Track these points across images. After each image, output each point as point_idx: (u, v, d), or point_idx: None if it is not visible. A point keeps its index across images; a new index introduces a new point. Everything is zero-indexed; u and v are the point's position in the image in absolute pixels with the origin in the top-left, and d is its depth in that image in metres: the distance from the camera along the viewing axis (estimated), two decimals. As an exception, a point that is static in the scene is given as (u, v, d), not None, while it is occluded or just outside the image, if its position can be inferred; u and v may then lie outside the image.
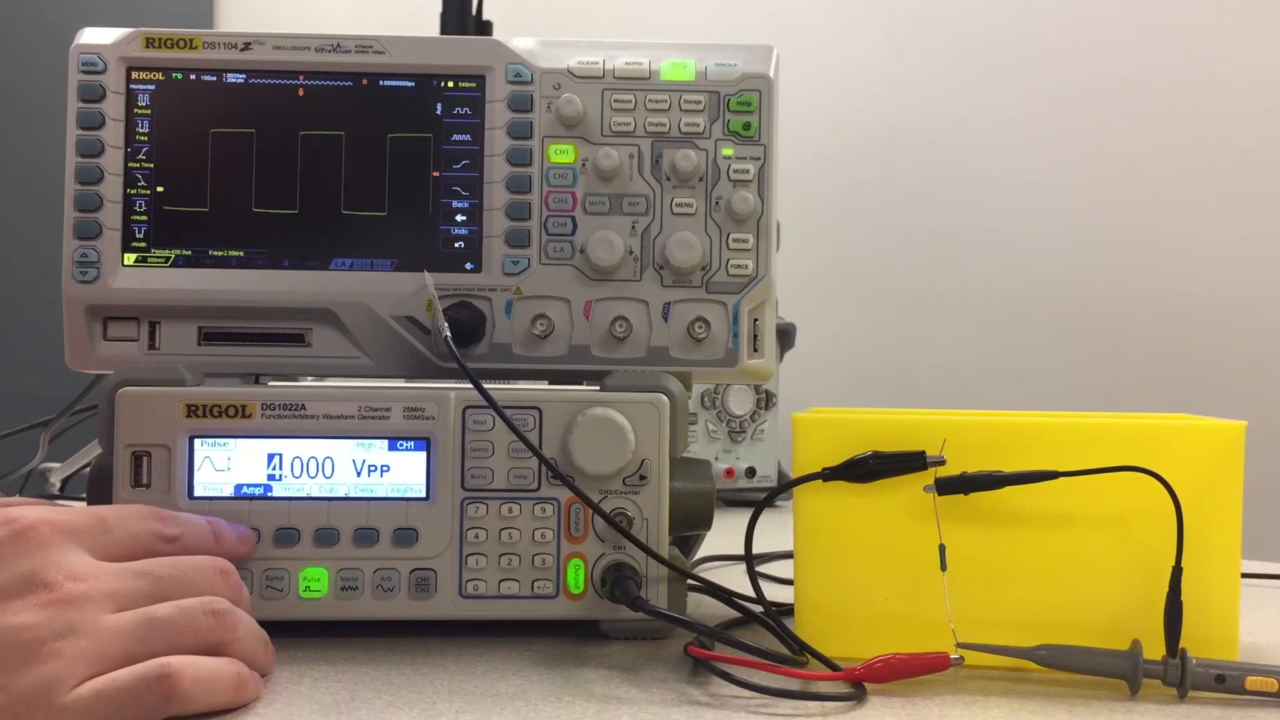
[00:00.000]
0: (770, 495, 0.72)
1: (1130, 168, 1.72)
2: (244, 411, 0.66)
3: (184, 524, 0.60)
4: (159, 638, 0.52)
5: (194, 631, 0.53)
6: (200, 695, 0.52)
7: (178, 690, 0.51)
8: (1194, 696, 0.59)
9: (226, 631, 0.55)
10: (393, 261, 0.72)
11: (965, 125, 1.79)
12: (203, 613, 0.54)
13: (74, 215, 0.70)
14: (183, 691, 0.51)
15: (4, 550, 0.50)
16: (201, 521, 0.62)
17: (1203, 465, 0.62)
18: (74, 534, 0.53)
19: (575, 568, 0.67)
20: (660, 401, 0.68)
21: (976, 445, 0.63)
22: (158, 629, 0.52)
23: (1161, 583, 0.60)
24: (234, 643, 0.55)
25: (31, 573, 0.50)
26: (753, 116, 0.72)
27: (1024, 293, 1.76)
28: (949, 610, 0.61)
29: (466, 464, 0.67)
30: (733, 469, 1.40)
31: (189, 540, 0.60)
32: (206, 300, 0.71)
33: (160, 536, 0.58)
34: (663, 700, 0.57)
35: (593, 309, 0.71)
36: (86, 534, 0.54)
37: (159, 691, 0.50)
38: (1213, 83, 1.69)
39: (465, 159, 0.72)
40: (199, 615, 0.54)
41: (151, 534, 0.58)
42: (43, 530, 0.52)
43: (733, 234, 0.72)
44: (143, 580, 0.54)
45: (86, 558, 0.53)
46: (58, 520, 0.53)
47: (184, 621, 0.53)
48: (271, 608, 0.65)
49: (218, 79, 0.71)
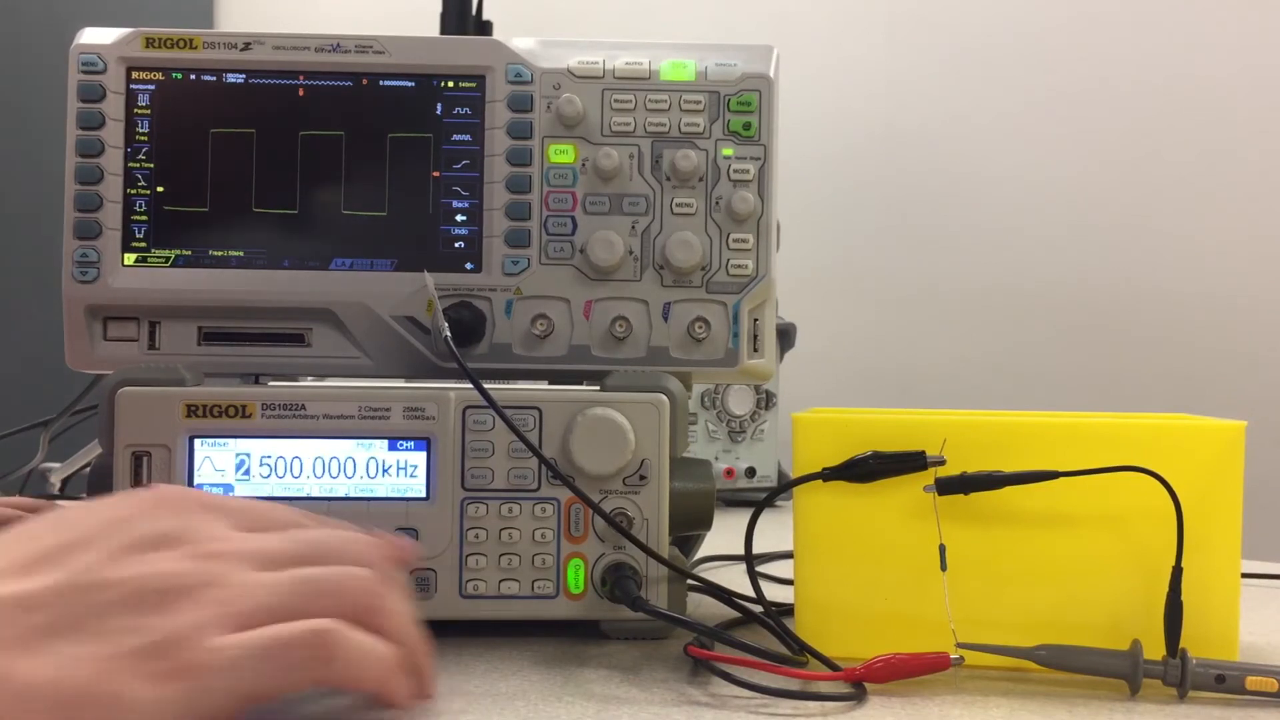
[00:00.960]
0: (770, 495, 0.72)
1: (1130, 167, 1.72)
2: (244, 411, 0.66)
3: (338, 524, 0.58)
4: (302, 595, 0.49)
5: (340, 591, 0.51)
6: (354, 664, 0.49)
7: (337, 653, 0.48)
8: (1194, 696, 0.59)
9: (374, 597, 0.51)
10: (393, 261, 0.72)
11: (965, 125, 1.79)
12: (349, 576, 0.51)
13: (74, 215, 0.70)
14: (339, 653, 0.48)
15: (150, 510, 0.50)
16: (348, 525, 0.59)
17: (1203, 465, 0.62)
18: (218, 508, 0.53)
19: (575, 568, 0.67)
20: (660, 401, 0.68)
21: (976, 445, 0.63)
22: (301, 587, 0.50)
23: (1161, 583, 0.60)
24: (381, 611, 0.52)
25: (177, 530, 0.49)
26: (753, 116, 0.72)
27: (1024, 293, 1.76)
28: (949, 610, 0.61)
29: (466, 464, 0.67)
30: (733, 469, 1.40)
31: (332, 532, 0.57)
32: (206, 300, 0.71)
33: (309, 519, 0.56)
34: (663, 700, 0.57)
35: (593, 309, 0.71)
36: (231, 511, 0.53)
37: (320, 648, 0.48)
38: (1213, 83, 1.69)
39: (465, 159, 0.72)
40: (345, 578, 0.51)
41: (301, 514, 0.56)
42: (190, 499, 0.52)
43: (733, 234, 0.72)
44: (287, 543, 0.52)
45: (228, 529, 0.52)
46: (204, 495, 0.53)
47: (330, 582, 0.51)
48: (271, 608, 0.65)
49: (218, 79, 0.72)
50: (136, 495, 0.51)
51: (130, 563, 0.47)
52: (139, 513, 0.50)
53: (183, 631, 0.46)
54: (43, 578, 0.45)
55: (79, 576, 0.45)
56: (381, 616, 0.52)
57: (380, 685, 0.50)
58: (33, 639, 0.43)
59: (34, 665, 0.42)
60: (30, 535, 0.48)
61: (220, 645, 0.46)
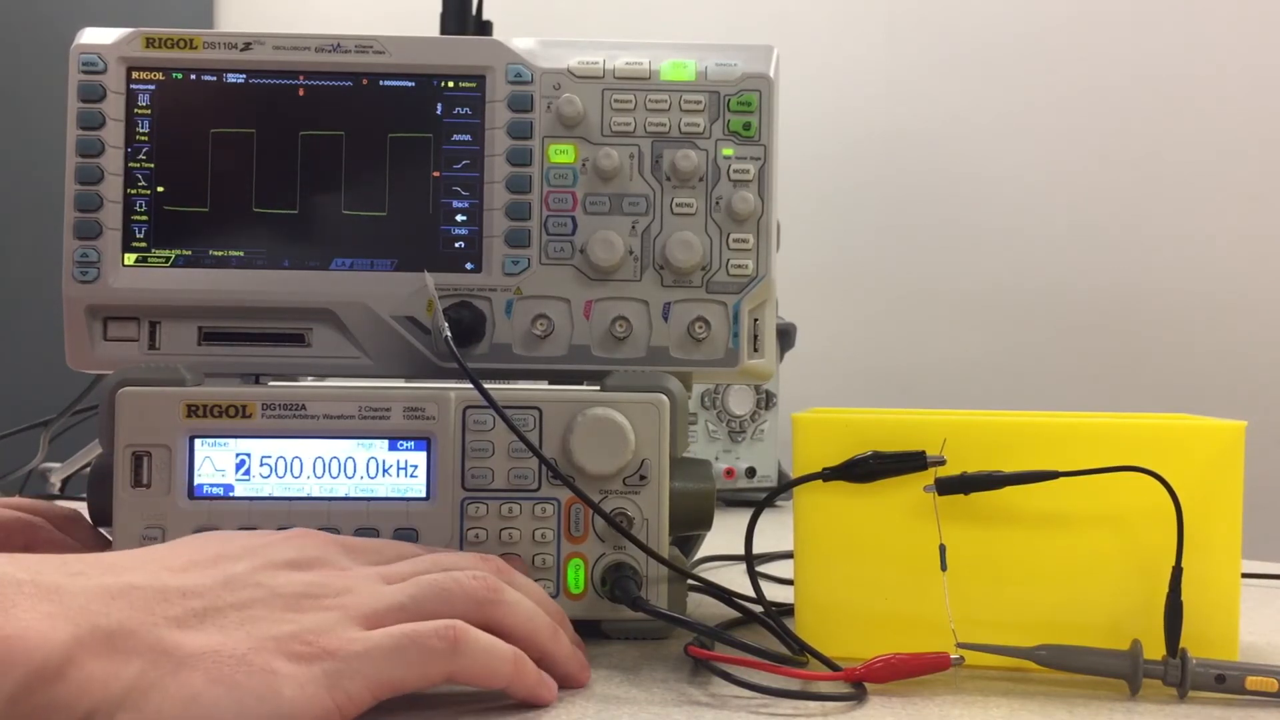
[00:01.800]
0: (770, 495, 0.72)
1: (1130, 168, 1.72)
2: (244, 411, 0.66)
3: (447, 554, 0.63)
4: (428, 596, 0.54)
5: (461, 591, 0.55)
6: (480, 660, 0.53)
7: (463, 645, 0.52)
8: (1194, 696, 0.59)
9: (491, 593, 0.56)
10: (393, 261, 0.72)
11: (965, 125, 1.79)
12: (468, 576, 0.56)
13: (74, 215, 0.70)
14: (467, 648, 0.52)
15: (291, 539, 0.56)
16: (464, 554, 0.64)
17: (1203, 465, 0.62)
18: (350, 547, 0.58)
19: (575, 568, 0.67)
20: (660, 401, 0.68)
21: (976, 445, 0.63)
22: (425, 588, 0.55)
23: (1161, 583, 0.60)
24: (500, 604, 0.56)
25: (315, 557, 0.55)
26: (753, 116, 0.72)
27: (1024, 292, 1.76)
28: (949, 610, 0.61)
29: (466, 464, 0.67)
30: (733, 469, 1.40)
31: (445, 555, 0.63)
32: (206, 300, 0.71)
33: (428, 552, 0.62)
34: (663, 700, 0.58)
35: (593, 309, 0.71)
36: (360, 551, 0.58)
37: (447, 640, 0.52)
38: (1213, 83, 1.69)
39: (465, 159, 0.72)
40: (464, 578, 0.56)
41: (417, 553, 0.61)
42: (324, 536, 0.58)
43: (733, 234, 0.72)
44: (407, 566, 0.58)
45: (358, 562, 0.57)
46: (337, 536, 0.60)
47: (451, 582, 0.55)
48: (271, 608, 0.65)
49: (218, 79, 0.71)
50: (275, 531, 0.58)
51: (276, 573, 0.53)
52: (282, 540, 0.56)
53: (323, 625, 0.51)
54: (202, 576, 0.51)
55: (233, 578, 0.51)
56: (502, 609, 0.56)
57: (510, 681, 0.55)
58: (192, 619, 0.48)
59: (193, 638, 0.47)
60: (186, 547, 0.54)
61: (356, 636, 0.51)
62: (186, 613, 0.48)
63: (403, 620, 0.53)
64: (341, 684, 0.49)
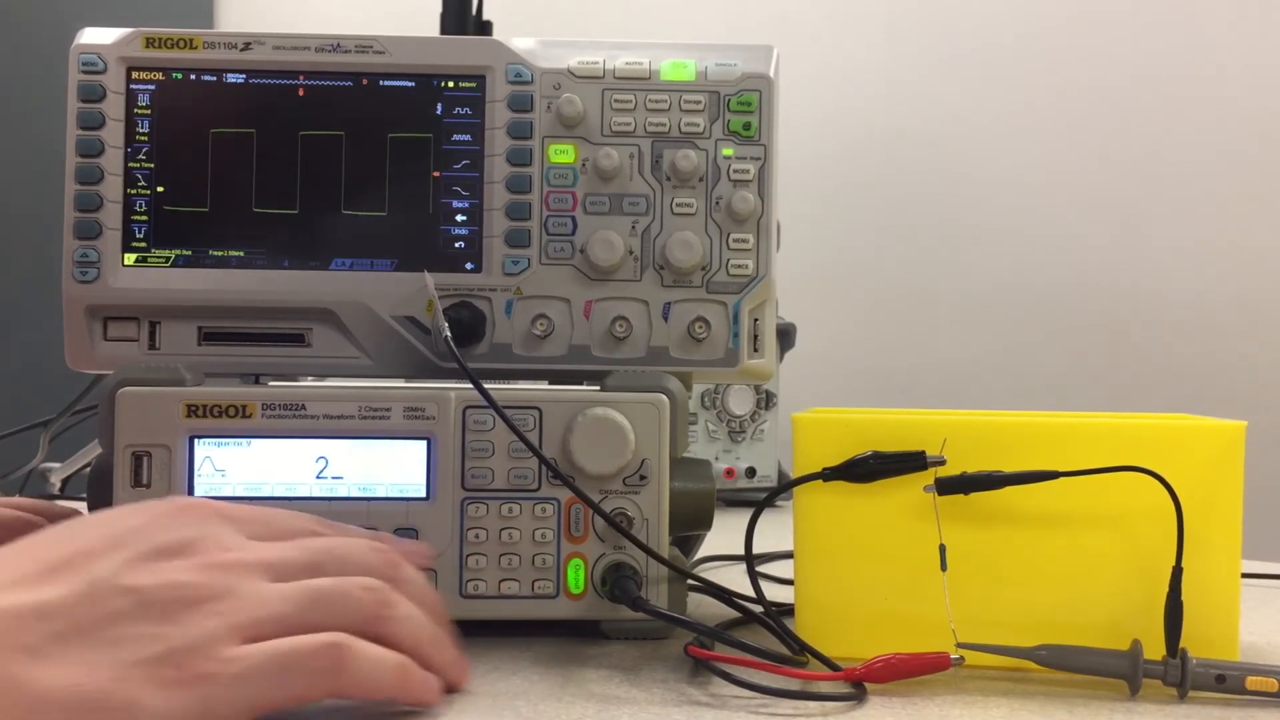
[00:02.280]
0: (770, 495, 0.72)
1: (1131, 168, 1.72)
2: (244, 411, 0.66)
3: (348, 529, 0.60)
4: (314, 606, 0.51)
5: (349, 602, 0.52)
6: (365, 675, 0.50)
7: (347, 663, 0.50)
8: (1194, 696, 0.59)
9: (383, 607, 0.53)
10: (393, 261, 0.72)
11: (965, 125, 1.79)
12: (359, 587, 0.53)
13: (74, 215, 0.70)
14: (351, 666, 0.50)
15: (166, 520, 0.51)
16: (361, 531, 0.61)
17: (1203, 465, 0.62)
18: (233, 518, 0.54)
19: (575, 568, 0.67)
20: (660, 401, 0.68)
21: (976, 445, 0.63)
22: (313, 598, 0.51)
23: (1161, 583, 0.60)
24: (390, 620, 0.53)
25: (191, 540, 0.50)
26: (753, 116, 0.72)
27: (1024, 293, 1.76)
28: (949, 610, 0.61)
29: (466, 464, 0.67)
30: (733, 469, 1.40)
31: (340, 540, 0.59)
32: (206, 300, 0.71)
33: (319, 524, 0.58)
34: (663, 700, 0.57)
35: (593, 309, 0.71)
36: (246, 521, 0.54)
37: (331, 659, 0.49)
38: (1213, 83, 1.69)
39: (465, 159, 0.72)
40: (354, 588, 0.53)
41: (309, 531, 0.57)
42: (204, 508, 0.53)
43: (733, 234, 0.72)
44: (298, 552, 0.53)
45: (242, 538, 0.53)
46: (218, 504, 0.54)
47: (340, 592, 0.52)
48: (271, 608, 0.65)
49: (218, 79, 0.71)
50: (152, 505, 0.52)
51: (146, 571, 0.48)
52: (154, 521, 0.50)
53: (197, 641, 0.47)
54: (59, 586, 0.46)
55: (95, 585, 0.46)
56: (391, 624, 0.53)
57: (394, 693, 0.52)
58: (49, 646, 0.44)
59: (50, 673, 0.43)
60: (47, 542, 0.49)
61: (233, 656, 0.47)
62: (43, 638, 0.44)
63: (284, 632, 0.49)
64: (215, 711, 0.46)
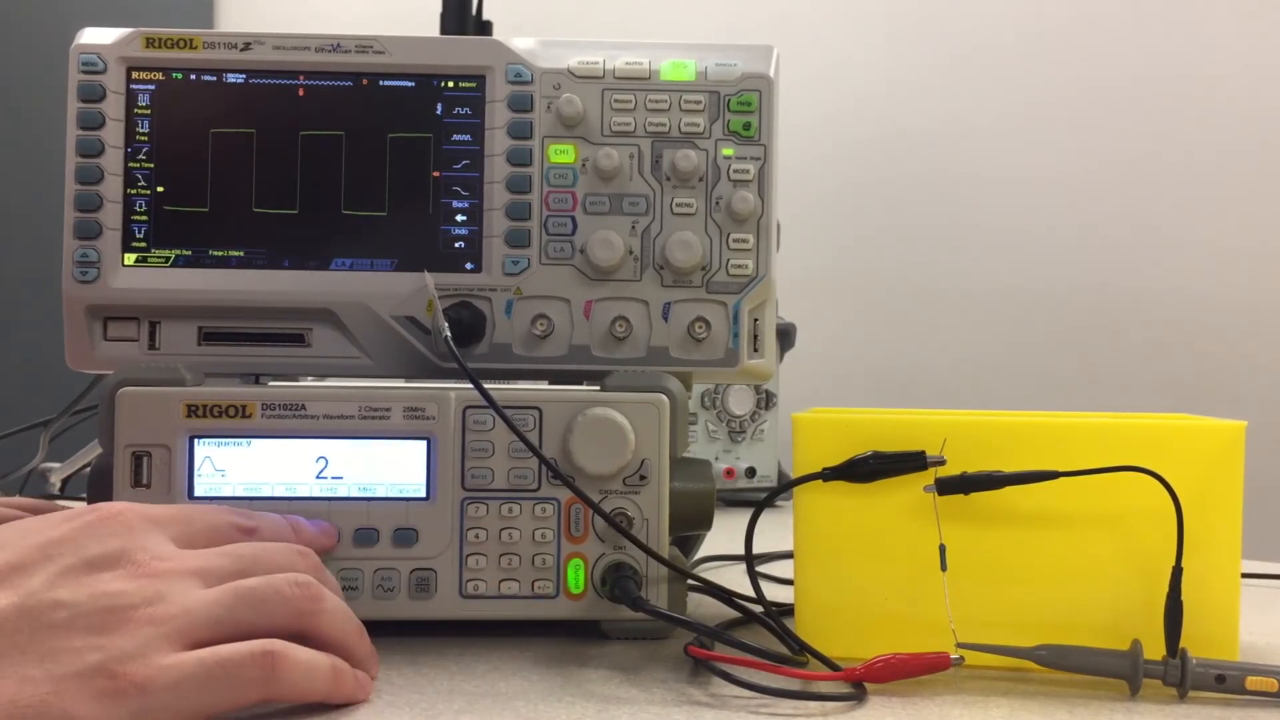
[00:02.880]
0: (770, 495, 0.72)
1: (1130, 168, 1.72)
2: (244, 411, 0.66)
3: (261, 519, 0.61)
4: (246, 606, 0.52)
5: (280, 601, 0.53)
6: (299, 681, 0.52)
7: (280, 670, 0.50)
8: (1194, 696, 0.59)
9: (313, 601, 0.54)
10: (393, 261, 0.72)
11: (965, 125, 1.79)
12: (287, 584, 0.54)
13: (74, 215, 0.70)
14: (284, 673, 0.51)
15: (93, 530, 0.51)
16: (279, 517, 0.63)
17: (1203, 465, 0.62)
18: (158, 522, 0.54)
19: (575, 568, 0.67)
20: (660, 401, 0.68)
21: (976, 445, 0.63)
22: (244, 598, 0.52)
23: (1161, 583, 0.60)
24: (320, 614, 0.54)
25: (121, 550, 0.51)
26: (753, 116, 0.72)
27: (1024, 293, 1.76)
28: (949, 610, 0.61)
29: (466, 464, 0.67)
30: (733, 469, 1.40)
31: (266, 533, 0.61)
32: (206, 300, 0.71)
33: (238, 528, 0.59)
34: (663, 700, 0.57)
35: (593, 309, 0.71)
36: (169, 523, 0.55)
37: (263, 667, 0.50)
38: (1213, 83, 1.69)
39: (465, 159, 0.72)
40: (285, 585, 0.54)
41: (230, 525, 0.59)
42: (129, 516, 0.53)
43: (733, 234, 0.72)
44: (226, 559, 0.54)
45: (170, 544, 0.54)
46: (142, 509, 0.54)
47: (270, 591, 0.53)
48: (271, 608, 0.65)
49: (218, 79, 0.71)
50: (76, 513, 0.53)
51: (78, 584, 0.48)
52: (82, 531, 0.51)
53: (131, 651, 0.47)
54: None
55: (28, 599, 0.47)
56: (321, 618, 0.54)
57: (327, 695, 0.53)
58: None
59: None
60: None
61: (168, 664, 0.48)
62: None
63: (218, 635, 0.50)
64: None
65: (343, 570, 0.66)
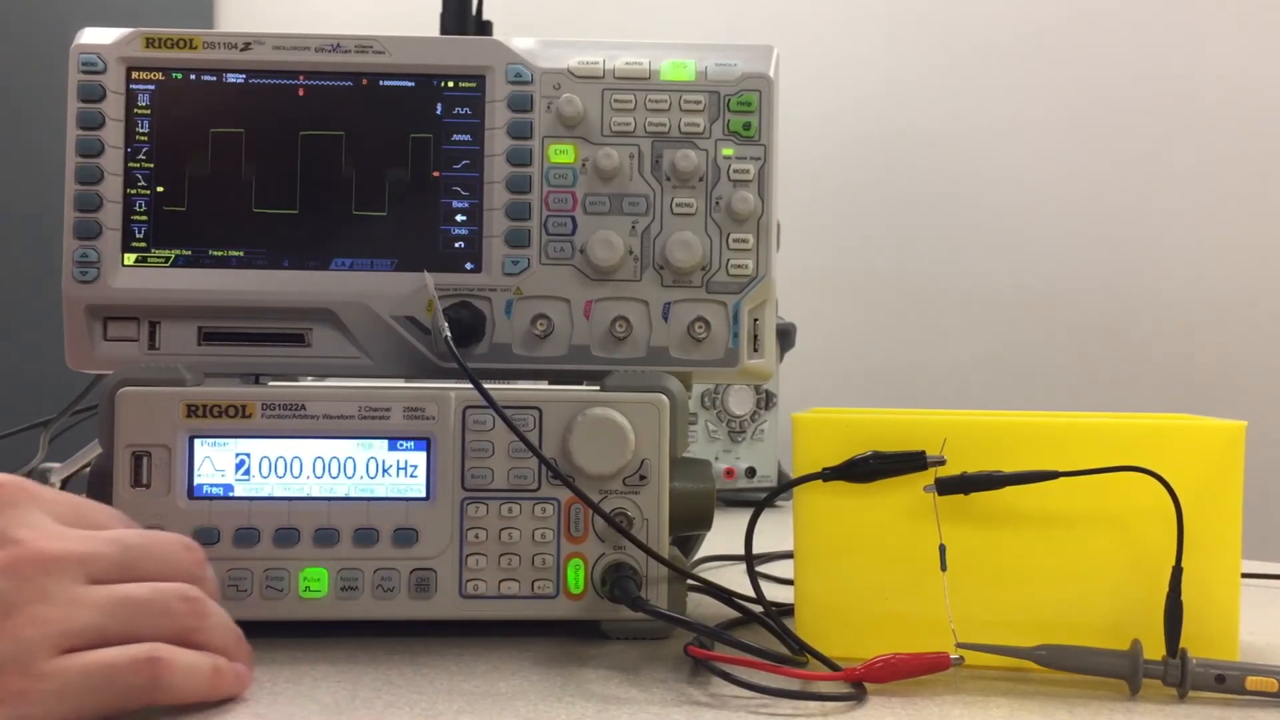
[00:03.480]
0: (770, 495, 0.72)
1: (1131, 168, 1.72)
2: (244, 411, 0.66)
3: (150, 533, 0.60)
4: (132, 616, 0.51)
5: (167, 615, 0.53)
6: (182, 685, 0.52)
7: (165, 677, 0.50)
8: (1194, 696, 0.59)
9: (198, 618, 0.54)
10: (393, 261, 0.72)
11: (965, 125, 1.79)
12: (176, 597, 0.53)
13: (74, 215, 0.70)
14: (169, 679, 0.51)
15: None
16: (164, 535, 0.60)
17: (1203, 465, 0.62)
18: (43, 500, 0.53)
19: (575, 568, 0.67)
20: (660, 401, 0.68)
21: (976, 445, 0.63)
22: (131, 608, 0.51)
23: (1161, 583, 0.60)
24: (203, 630, 0.54)
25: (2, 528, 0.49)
26: (753, 116, 0.72)
27: (1024, 293, 1.76)
28: (949, 610, 0.61)
29: (466, 464, 0.67)
30: (733, 469, 1.40)
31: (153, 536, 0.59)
32: (206, 300, 0.71)
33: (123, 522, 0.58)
34: (663, 700, 0.57)
35: (593, 309, 0.71)
36: (56, 504, 0.53)
37: (147, 674, 0.50)
38: (1213, 83, 1.69)
39: (465, 159, 0.72)
40: (172, 599, 0.53)
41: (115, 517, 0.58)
42: (11, 489, 0.51)
43: (733, 234, 0.72)
44: (112, 547, 0.53)
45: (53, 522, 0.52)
46: (29, 484, 0.53)
47: (158, 604, 0.52)
48: (271, 608, 0.65)
49: (218, 79, 0.71)
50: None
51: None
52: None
53: (12, 655, 0.46)
54: None
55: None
56: (204, 624, 0.54)
57: (207, 695, 0.53)
58: None
59: None
60: None
61: (49, 671, 0.47)
62: None
63: (102, 643, 0.49)
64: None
65: (343, 570, 0.66)
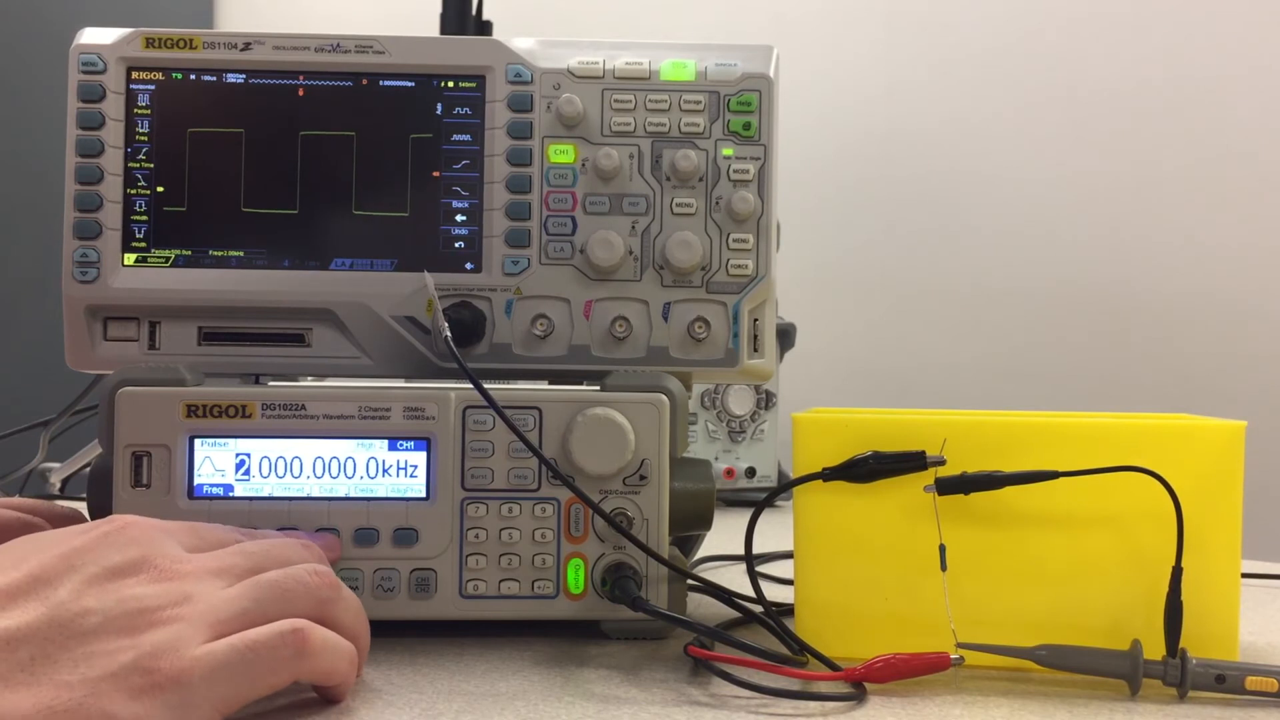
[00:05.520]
0: (770, 495, 0.72)
1: (1130, 168, 1.72)
2: (244, 411, 0.66)
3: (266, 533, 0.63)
4: (271, 598, 0.53)
5: (303, 589, 0.54)
6: (326, 657, 0.53)
7: (309, 645, 0.52)
8: (1194, 696, 0.59)
9: (331, 590, 0.55)
10: (393, 261, 0.72)
11: (965, 125, 1.79)
12: (308, 573, 0.55)
13: (74, 215, 0.70)
14: (313, 648, 0.52)
15: (111, 539, 0.52)
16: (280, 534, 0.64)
17: (1203, 465, 0.62)
18: (170, 532, 0.55)
19: (575, 568, 0.67)
20: (660, 401, 0.68)
21: (976, 445, 0.63)
22: (268, 589, 0.53)
23: (1161, 583, 0.60)
24: (339, 602, 0.56)
25: (141, 557, 0.51)
26: (753, 116, 0.72)
27: (1024, 293, 1.76)
28: (949, 610, 0.61)
29: (466, 464, 0.67)
30: (733, 469, 1.40)
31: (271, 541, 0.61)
32: (206, 300, 0.71)
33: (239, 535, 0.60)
34: (663, 700, 0.58)
35: (593, 309, 0.71)
36: (179, 534, 0.56)
37: (293, 645, 0.51)
38: (1213, 83, 1.69)
39: (465, 159, 0.72)
40: (304, 575, 0.55)
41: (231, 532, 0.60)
42: (143, 526, 0.54)
43: (733, 234, 0.72)
44: (239, 557, 0.55)
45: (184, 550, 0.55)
46: (154, 521, 0.55)
47: (292, 582, 0.54)
48: (271, 608, 0.65)
49: (218, 79, 0.72)
50: (95, 525, 0.53)
51: (104, 590, 0.49)
52: (102, 541, 0.52)
53: (163, 646, 0.48)
54: (22, 613, 0.46)
55: (58, 610, 0.47)
56: (338, 609, 0.56)
57: (345, 677, 0.55)
58: (19, 673, 0.45)
59: (22, 697, 0.44)
60: None
61: (200, 654, 0.48)
62: (13, 667, 0.45)
63: (246, 625, 0.51)
64: (188, 714, 0.47)
65: (343, 570, 0.66)
